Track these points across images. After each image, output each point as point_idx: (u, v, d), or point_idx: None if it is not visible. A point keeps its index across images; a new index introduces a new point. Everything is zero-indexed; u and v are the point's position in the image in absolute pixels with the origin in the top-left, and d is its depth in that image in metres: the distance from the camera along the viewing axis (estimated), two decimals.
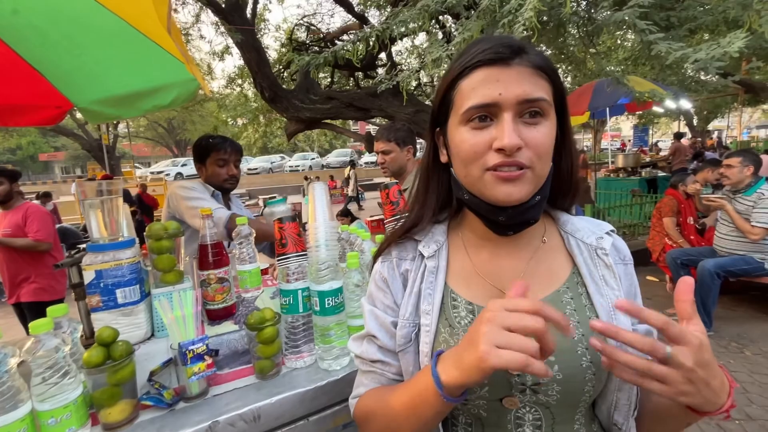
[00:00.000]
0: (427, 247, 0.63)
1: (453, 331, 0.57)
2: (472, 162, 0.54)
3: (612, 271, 0.58)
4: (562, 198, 0.63)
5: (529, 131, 0.51)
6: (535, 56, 0.53)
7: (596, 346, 0.44)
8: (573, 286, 0.58)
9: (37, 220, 2.56)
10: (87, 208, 0.86)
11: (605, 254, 0.59)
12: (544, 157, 0.53)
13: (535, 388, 0.53)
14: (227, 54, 6.61)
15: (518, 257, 0.61)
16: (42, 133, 19.47)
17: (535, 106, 0.51)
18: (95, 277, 0.84)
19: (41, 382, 0.68)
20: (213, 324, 1.01)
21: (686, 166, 7.92)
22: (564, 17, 2.81)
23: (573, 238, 0.61)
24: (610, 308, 0.55)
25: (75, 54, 1.68)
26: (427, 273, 0.61)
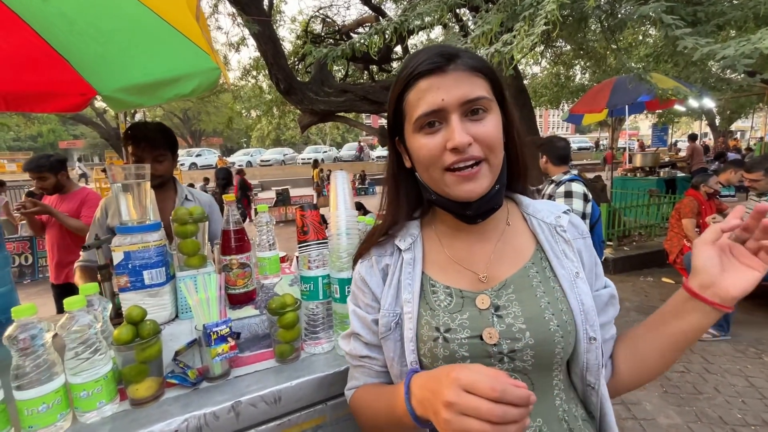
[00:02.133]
0: (403, 241, 0.69)
1: (434, 313, 0.62)
2: (431, 165, 0.59)
3: (570, 245, 0.65)
4: (516, 181, 0.69)
5: (476, 127, 0.57)
6: (469, 59, 0.58)
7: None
8: (537, 262, 0.64)
9: (91, 206, 2.56)
10: (117, 191, 0.88)
11: (563, 231, 0.66)
12: (495, 148, 0.58)
13: (512, 355, 0.58)
14: (243, 45, 6.65)
15: (487, 240, 0.66)
16: (62, 122, 19.92)
17: (476, 104, 0.57)
18: (124, 258, 0.86)
19: (74, 356, 0.71)
20: (234, 308, 1.03)
21: (706, 166, 7.72)
22: (587, 11, 2.75)
23: (534, 218, 0.67)
24: (571, 278, 0.62)
25: (100, 42, 1.71)
26: (405, 264, 0.66)
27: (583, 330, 0.59)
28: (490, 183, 0.59)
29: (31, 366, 0.67)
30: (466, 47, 2.70)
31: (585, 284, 0.62)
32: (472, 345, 0.59)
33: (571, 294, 0.61)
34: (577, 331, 0.59)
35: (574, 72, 8.81)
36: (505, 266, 0.64)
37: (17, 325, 0.67)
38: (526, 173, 0.69)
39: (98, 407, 0.73)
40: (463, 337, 0.59)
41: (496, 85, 0.61)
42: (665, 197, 5.80)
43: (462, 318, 0.61)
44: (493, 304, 0.61)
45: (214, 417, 0.74)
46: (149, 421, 0.71)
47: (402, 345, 0.63)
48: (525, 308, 0.59)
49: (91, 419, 0.72)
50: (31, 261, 5.63)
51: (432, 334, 0.60)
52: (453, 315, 0.61)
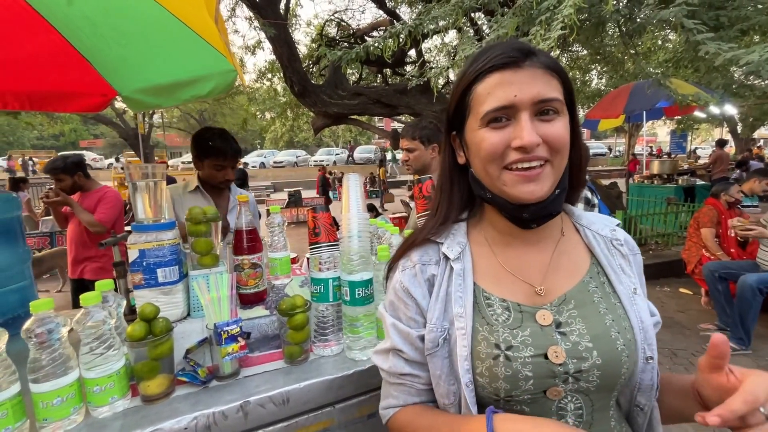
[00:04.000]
0: (450, 249, 0.63)
1: (492, 329, 0.57)
2: (491, 161, 0.56)
3: (628, 261, 0.63)
4: (572, 191, 0.65)
5: (546, 128, 0.54)
6: (545, 58, 0.56)
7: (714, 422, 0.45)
8: (595, 276, 0.61)
9: (107, 204, 2.64)
10: (134, 190, 0.90)
11: (621, 245, 0.63)
12: (561, 151, 0.56)
13: (577, 375, 0.54)
14: (259, 48, 6.75)
15: (542, 250, 0.63)
16: (83, 121, 20.50)
17: (549, 105, 0.55)
18: (139, 255, 0.88)
19: (89, 351, 0.72)
20: (245, 308, 1.04)
21: (728, 175, 7.51)
22: (605, 15, 2.71)
23: (589, 230, 0.65)
24: (629, 294, 0.60)
25: (122, 44, 1.76)
26: (455, 276, 0.61)
27: (641, 349, 0.57)
28: (551, 186, 0.56)
29: (47, 360, 0.68)
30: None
31: (643, 301, 0.60)
32: (536, 364, 0.54)
33: (631, 311, 0.58)
34: (637, 349, 0.56)
35: (590, 77, 8.69)
36: (563, 279, 0.61)
37: (35, 319, 0.68)
38: (582, 183, 0.66)
39: (110, 402, 0.74)
40: (526, 356, 0.54)
41: (567, 88, 0.58)
42: (683, 205, 5.65)
43: (524, 335, 0.56)
44: (555, 320, 0.57)
45: (223, 416, 0.75)
46: (159, 418, 0.72)
47: (450, 362, 0.58)
48: (590, 326, 0.56)
49: (103, 414, 0.73)
50: None
51: (491, 351, 0.55)
52: (514, 331, 0.56)
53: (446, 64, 3.01)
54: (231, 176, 1.84)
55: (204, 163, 1.80)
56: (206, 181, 1.86)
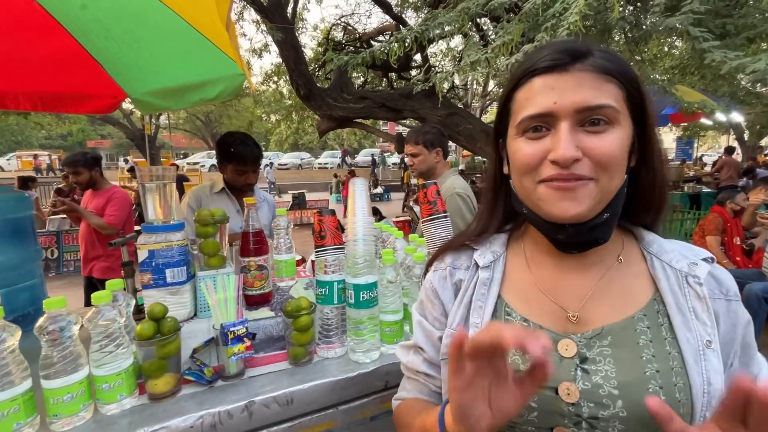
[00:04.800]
0: (482, 256, 0.60)
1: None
2: (525, 174, 0.51)
3: (705, 304, 0.49)
4: (644, 214, 0.56)
5: (591, 140, 0.47)
6: (601, 59, 0.49)
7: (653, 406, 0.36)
8: (652, 315, 0.51)
9: (115, 205, 2.68)
10: (145, 191, 0.91)
11: (698, 283, 0.50)
12: (611, 169, 0.48)
13: (593, 423, 0.47)
14: (266, 52, 6.82)
15: (587, 275, 0.54)
16: (91, 122, 20.75)
17: (597, 113, 0.47)
18: (148, 256, 0.89)
19: (99, 349, 0.73)
20: (250, 309, 1.05)
21: (735, 183, 7.45)
22: (610, 22, 2.72)
23: (658, 260, 0.53)
24: (698, 346, 0.48)
25: (133, 48, 1.79)
26: (479, 284, 0.58)
27: (701, 416, 0.45)
28: (592, 206, 0.48)
29: (58, 356, 0.69)
30: (485, 56, 2.69)
31: (718, 359, 0.47)
32: (543, 397, 0.49)
33: (695, 367, 0.47)
34: (693, 414, 0.46)
35: None
36: (606, 310, 0.52)
37: (47, 317, 0.70)
38: (659, 206, 0.55)
39: (119, 400, 0.75)
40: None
41: (633, 93, 0.50)
42: (689, 213, 5.62)
43: None
44: (580, 353, 0.50)
45: (228, 415, 0.76)
46: (166, 416, 0.73)
47: None
48: (622, 369, 0.48)
49: (112, 411, 0.75)
50: (57, 255, 5.85)
51: None
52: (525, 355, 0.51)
53: (451, 69, 3.03)
54: (252, 180, 1.91)
55: (227, 168, 1.88)
56: (230, 183, 1.93)
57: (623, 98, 0.49)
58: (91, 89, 2.07)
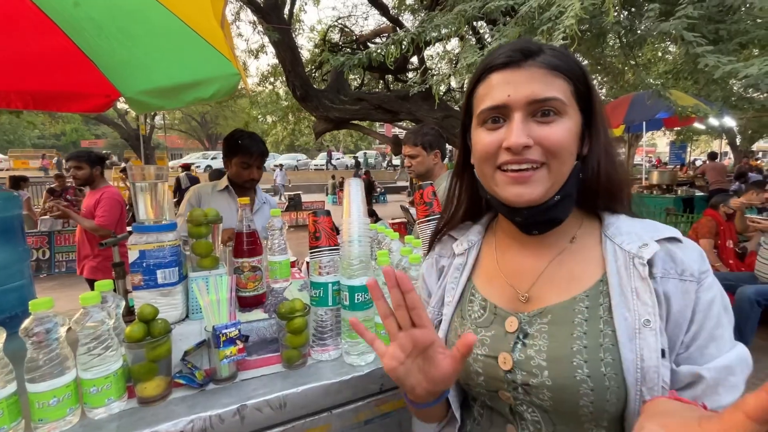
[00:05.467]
0: (459, 246, 0.69)
1: (463, 321, 0.63)
2: (485, 161, 0.57)
3: (648, 285, 0.51)
4: (599, 197, 0.59)
5: (541, 129, 0.53)
6: (551, 57, 0.54)
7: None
8: (595, 296, 0.55)
9: (104, 206, 2.67)
10: (137, 190, 0.90)
11: (643, 264, 0.52)
12: (559, 154, 0.53)
13: (526, 388, 0.54)
14: (262, 53, 6.80)
15: (540, 258, 0.60)
16: (85, 121, 20.57)
17: (546, 105, 0.53)
18: (139, 256, 0.88)
19: (86, 352, 0.72)
20: (243, 311, 1.03)
21: (725, 186, 7.53)
22: (606, 26, 2.74)
23: (611, 243, 0.57)
24: (635, 324, 0.50)
25: (127, 46, 1.77)
26: (453, 269, 0.67)
27: (637, 390, 0.49)
28: (545, 190, 0.53)
29: (44, 359, 0.68)
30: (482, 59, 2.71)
31: (656, 337, 0.49)
32: (486, 364, 0.58)
33: (628, 345, 0.50)
34: (627, 389, 0.49)
35: None
36: (554, 291, 0.57)
37: (33, 318, 0.68)
38: (612, 189, 0.59)
39: (107, 404, 0.73)
40: (479, 353, 0.58)
41: (580, 87, 0.55)
42: (682, 216, 5.67)
43: (485, 334, 0.59)
44: (522, 329, 0.57)
45: (220, 420, 0.74)
46: (156, 420, 0.72)
47: None
48: (553, 344, 0.53)
49: (99, 415, 0.73)
50: (48, 256, 5.77)
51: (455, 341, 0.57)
52: (478, 329, 0.60)
53: (448, 71, 3.03)
54: (256, 176, 1.93)
55: (232, 162, 1.89)
56: (234, 181, 1.94)
57: (571, 92, 0.54)
58: (84, 88, 2.05)
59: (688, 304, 0.51)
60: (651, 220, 0.60)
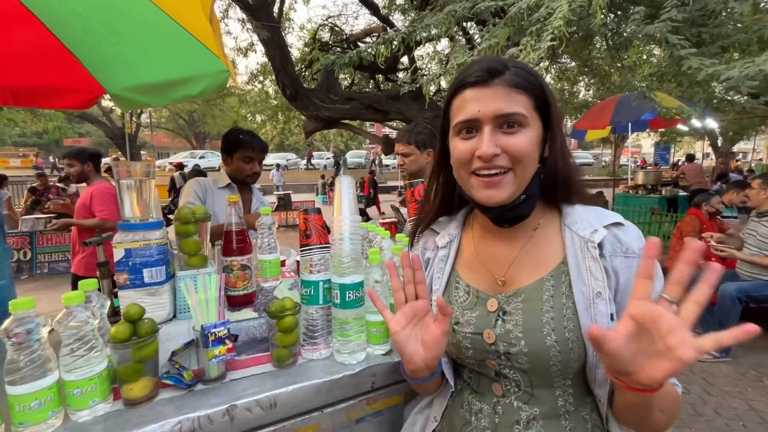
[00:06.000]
0: (441, 239, 0.78)
1: (451, 306, 0.71)
2: (461, 166, 0.66)
3: (598, 264, 0.62)
4: (557, 191, 0.69)
5: (507, 139, 0.61)
6: (514, 76, 0.62)
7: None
8: (558, 275, 0.65)
9: (100, 200, 2.62)
10: (123, 188, 0.88)
11: (594, 247, 0.63)
12: (522, 161, 0.61)
13: (508, 356, 0.65)
14: (251, 51, 6.73)
15: (512, 245, 0.70)
16: (68, 119, 20.08)
17: (510, 119, 0.61)
18: (124, 255, 0.86)
19: (69, 353, 0.70)
20: (233, 310, 1.02)
21: (705, 186, 7.73)
22: (593, 28, 2.78)
23: (569, 230, 0.67)
24: (590, 296, 0.61)
25: (112, 41, 1.73)
26: (438, 260, 0.76)
27: (593, 349, 0.59)
28: (512, 192, 0.63)
29: (25, 361, 0.65)
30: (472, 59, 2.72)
31: (606, 305, 0.61)
32: (474, 340, 0.68)
33: (585, 314, 0.61)
34: (586, 348, 0.61)
35: (578, 88, 8.89)
36: (525, 274, 0.68)
37: (14, 319, 0.66)
38: (567, 185, 0.69)
39: (91, 406, 0.71)
40: (467, 332, 0.68)
41: (540, 100, 0.63)
42: (667, 215, 5.80)
43: (471, 315, 0.69)
44: (501, 308, 0.67)
45: (208, 420, 0.73)
46: (142, 421, 0.70)
47: None
48: (526, 319, 0.64)
49: (83, 418, 0.71)
50: (30, 257, 5.62)
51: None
52: (464, 311, 0.70)
53: (438, 71, 3.05)
54: (258, 170, 1.95)
55: (233, 157, 1.89)
56: (235, 178, 1.93)
57: (532, 105, 0.62)
58: (67, 83, 2.00)
59: (632, 275, 0.60)
60: (599, 208, 0.70)
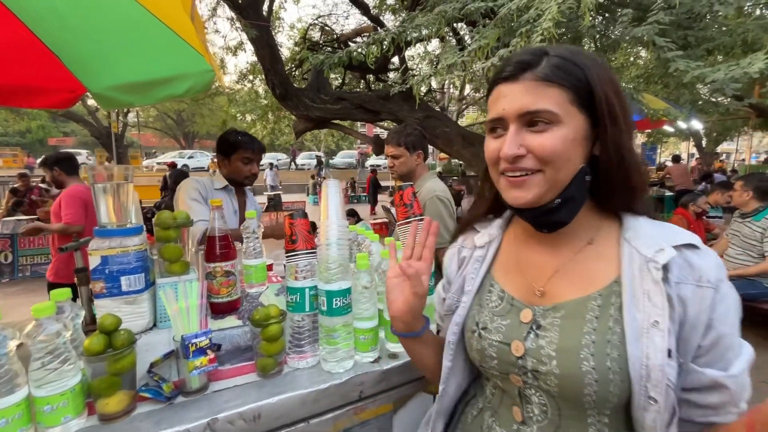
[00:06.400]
0: (481, 238, 0.73)
1: (481, 309, 0.67)
2: (491, 166, 0.63)
3: (660, 289, 0.52)
4: (615, 198, 0.60)
5: (533, 138, 0.55)
6: (548, 68, 0.55)
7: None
8: (608, 296, 0.56)
9: (66, 204, 2.57)
10: (98, 192, 0.84)
11: (657, 269, 0.53)
12: (553, 162, 0.55)
13: (535, 374, 0.58)
14: (240, 50, 6.64)
15: (557, 255, 0.63)
16: (52, 118, 19.63)
17: (536, 116, 0.55)
18: (101, 262, 0.82)
19: (40, 367, 0.66)
20: (216, 318, 0.99)
21: (690, 186, 7.87)
22: (581, 30, 2.80)
23: (629, 245, 0.57)
24: (644, 324, 0.52)
25: (93, 39, 1.68)
26: (474, 260, 0.72)
27: (641, 386, 0.51)
28: (540, 194, 0.57)
29: None
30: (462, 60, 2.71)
31: (663, 338, 0.51)
32: (500, 349, 0.62)
33: (635, 344, 0.52)
34: (631, 383, 0.52)
35: None
36: (568, 288, 0.60)
37: None
38: (628, 190, 0.59)
39: (63, 422, 0.68)
40: (494, 339, 0.63)
41: (584, 94, 0.55)
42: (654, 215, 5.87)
43: (501, 323, 0.63)
44: (536, 321, 0.60)
45: None
46: None
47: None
48: (563, 337, 0.56)
49: None
50: (11, 260, 5.46)
51: (473, 327, 0.66)
52: (495, 317, 0.65)
53: (428, 72, 3.03)
54: (256, 171, 1.93)
55: (231, 159, 1.85)
56: (233, 179, 1.89)
57: (569, 100, 0.55)
58: (46, 83, 1.93)
59: (704, 309, 0.52)
60: (671, 225, 0.60)
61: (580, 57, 0.57)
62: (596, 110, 0.56)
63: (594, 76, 0.56)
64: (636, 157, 0.58)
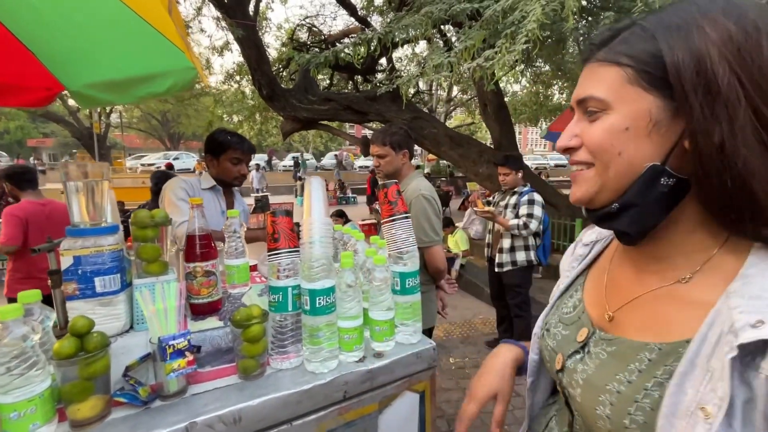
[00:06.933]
0: (590, 235, 0.69)
1: (554, 310, 0.65)
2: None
3: (727, 372, 0.37)
4: (739, 218, 0.42)
5: (586, 128, 0.50)
6: (617, 43, 0.47)
7: None
8: (667, 354, 0.44)
9: (4, 222, 2.46)
10: (70, 191, 0.81)
11: (733, 347, 0.37)
12: (599, 156, 0.47)
13: (565, 391, 0.58)
14: (227, 50, 6.58)
15: (642, 282, 0.52)
16: (31, 118, 19.08)
17: (587, 105, 0.49)
18: (73, 263, 0.79)
19: (5, 372, 0.63)
20: (196, 319, 0.96)
21: None
22: (565, 32, 2.85)
23: (724, 300, 0.41)
24: (690, 406, 0.39)
25: (70, 35, 1.63)
26: (574, 258, 0.68)
27: None
28: (590, 192, 0.50)
29: None
30: (448, 60, 2.72)
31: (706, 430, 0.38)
32: (550, 356, 0.62)
33: (668, 417, 0.40)
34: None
35: (552, 91, 9.12)
36: (634, 326, 0.50)
37: None
38: (756, 207, 0.40)
39: (31, 430, 0.65)
40: (548, 344, 0.63)
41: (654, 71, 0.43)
42: None
43: (561, 331, 0.62)
44: (588, 344, 0.55)
45: None
46: None
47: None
48: (597, 372, 0.50)
49: None
50: None
51: (542, 325, 0.66)
52: (559, 322, 0.62)
53: (415, 72, 3.04)
54: (245, 171, 1.90)
55: (220, 159, 1.82)
56: (221, 180, 1.87)
57: (625, 79, 0.45)
58: (21, 80, 1.87)
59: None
60: None
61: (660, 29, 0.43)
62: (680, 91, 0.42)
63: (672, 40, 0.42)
64: (751, 166, 0.39)
